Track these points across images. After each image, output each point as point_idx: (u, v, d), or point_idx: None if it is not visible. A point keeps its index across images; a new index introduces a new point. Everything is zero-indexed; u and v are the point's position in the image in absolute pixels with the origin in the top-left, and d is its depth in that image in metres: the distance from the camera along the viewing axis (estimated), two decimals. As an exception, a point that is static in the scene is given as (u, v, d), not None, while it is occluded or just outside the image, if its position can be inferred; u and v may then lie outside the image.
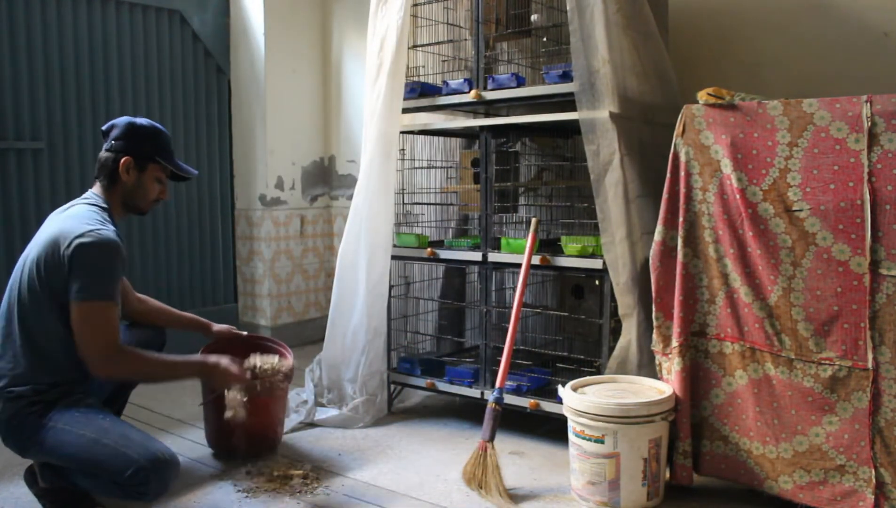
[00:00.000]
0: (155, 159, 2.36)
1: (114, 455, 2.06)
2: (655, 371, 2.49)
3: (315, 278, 4.78)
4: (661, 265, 2.40)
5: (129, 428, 2.18)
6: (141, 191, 2.37)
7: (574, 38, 2.65)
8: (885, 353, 2.04)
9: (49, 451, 2.14)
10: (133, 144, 2.33)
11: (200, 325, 2.85)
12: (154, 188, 2.39)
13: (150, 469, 2.04)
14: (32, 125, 3.71)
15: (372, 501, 2.41)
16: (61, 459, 2.15)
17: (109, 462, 2.06)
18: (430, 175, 3.45)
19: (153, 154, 2.36)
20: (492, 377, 2.97)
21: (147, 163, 2.35)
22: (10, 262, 3.65)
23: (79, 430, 2.11)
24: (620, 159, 2.61)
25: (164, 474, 2.09)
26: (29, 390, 2.15)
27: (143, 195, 2.38)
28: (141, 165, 2.34)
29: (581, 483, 2.35)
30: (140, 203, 2.39)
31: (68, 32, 3.80)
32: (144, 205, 2.40)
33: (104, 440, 2.09)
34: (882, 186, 2.01)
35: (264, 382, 2.58)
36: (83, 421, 2.13)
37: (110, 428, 2.13)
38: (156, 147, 2.37)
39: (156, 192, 2.40)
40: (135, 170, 2.33)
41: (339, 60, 4.68)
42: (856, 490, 2.10)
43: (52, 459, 2.18)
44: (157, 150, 2.37)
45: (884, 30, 2.85)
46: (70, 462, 2.14)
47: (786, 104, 2.15)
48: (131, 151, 2.32)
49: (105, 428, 2.12)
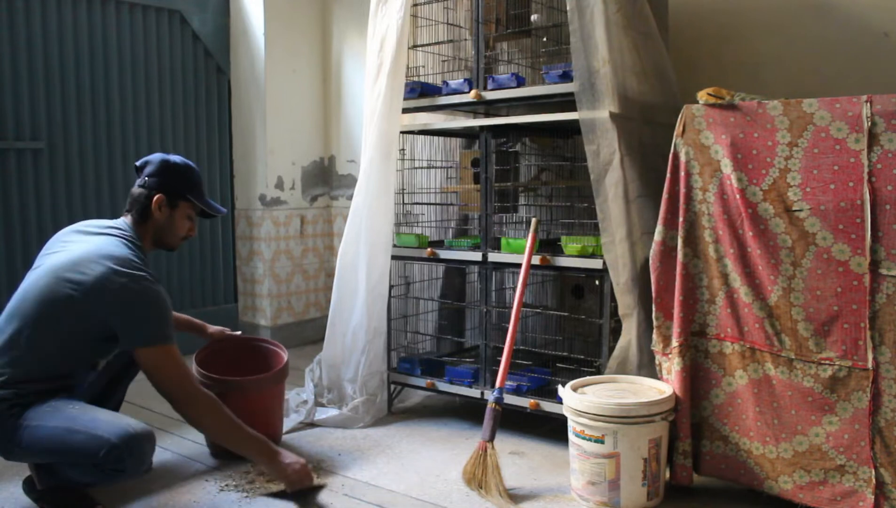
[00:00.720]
0: (186, 197, 2.41)
1: (86, 439, 2.06)
2: (655, 371, 2.49)
3: (315, 278, 4.78)
4: (661, 265, 2.40)
5: (99, 411, 2.18)
6: (171, 228, 2.42)
7: (574, 38, 2.65)
8: (885, 353, 2.04)
9: (27, 450, 2.14)
10: (166, 181, 2.38)
11: (195, 326, 2.88)
12: (184, 225, 2.44)
13: (122, 446, 2.04)
14: (32, 125, 3.71)
15: (372, 501, 2.41)
16: (41, 455, 2.16)
17: (84, 447, 2.06)
18: (430, 175, 3.45)
19: (185, 192, 2.40)
20: (492, 377, 2.97)
21: (179, 200, 2.40)
22: (10, 262, 3.66)
23: (50, 423, 2.11)
24: (620, 159, 2.60)
25: (138, 448, 2.08)
26: (11, 393, 2.15)
27: (173, 232, 2.43)
28: (173, 202, 2.39)
29: (581, 483, 2.35)
30: (170, 240, 2.44)
31: (68, 32, 3.80)
32: (174, 241, 2.45)
33: (75, 427, 2.09)
34: (882, 186, 2.01)
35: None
36: (54, 414, 2.13)
37: (79, 415, 2.13)
38: (188, 185, 2.42)
39: (185, 229, 2.45)
40: (167, 207, 2.38)
41: (339, 60, 4.68)
42: (856, 490, 2.10)
43: (34, 457, 2.19)
44: (189, 188, 2.41)
45: (884, 30, 2.85)
46: (49, 455, 2.14)
47: (786, 104, 2.15)
48: (164, 188, 2.37)
49: (75, 416, 2.12)
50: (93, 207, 3.94)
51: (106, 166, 3.99)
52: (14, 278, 3.67)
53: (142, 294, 2.18)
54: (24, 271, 3.78)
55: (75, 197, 3.89)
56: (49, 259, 2.27)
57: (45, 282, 2.21)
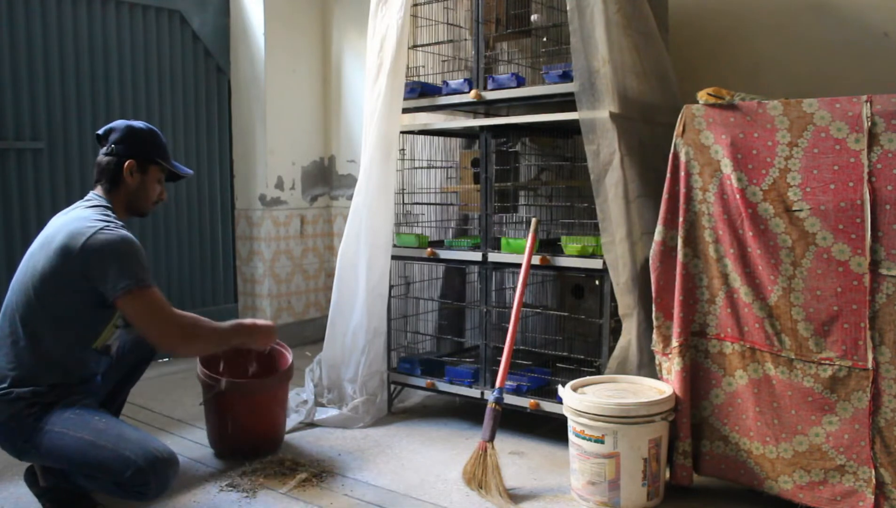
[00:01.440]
0: (155, 161, 2.39)
1: (112, 456, 2.06)
2: (655, 371, 2.49)
3: (315, 278, 4.78)
4: (661, 265, 2.40)
5: (126, 427, 2.18)
6: (143, 193, 2.39)
7: (574, 38, 2.65)
8: (885, 353, 2.04)
9: (46, 455, 2.14)
10: (134, 146, 2.36)
11: None
12: (155, 189, 2.43)
13: (148, 470, 2.04)
14: (32, 125, 3.71)
15: (372, 501, 2.41)
16: (59, 462, 2.15)
17: (108, 464, 2.06)
18: (430, 175, 3.45)
19: (154, 156, 2.39)
20: (492, 377, 2.97)
21: (148, 165, 2.38)
22: (10, 261, 3.66)
23: (75, 433, 2.11)
24: (620, 159, 2.60)
25: (163, 473, 2.09)
26: (28, 392, 2.15)
27: (145, 197, 2.40)
28: (143, 167, 2.37)
29: (581, 483, 2.35)
30: (142, 205, 2.42)
31: (68, 32, 3.80)
32: (147, 206, 2.43)
33: (101, 442, 2.08)
34: (882, 186, 2.01)
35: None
36: (79, 423, 2.13)
37: (106, 429, 2.13)
38: (156, 149, 2.40)
39: (156, 193, 2.44)
40: (138, 172, 2.36)
41: (339, 60, 4.68)
42: (856, 490, 2.10)
43: (50, 462, 2.18)
44: (157, 151, 2.40)
45: (884, 30, 2.85)
46: (68, 464, 2.14)
47: (786, 104, 2.15)
48: (133, 153, 2.35)
49: (101, 429, 2.12)
50: (93, 207, 3.94)
51: (106, 166, 3.99)
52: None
53: (109, 242, 2.14)
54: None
55: (75, 197, 3.83)
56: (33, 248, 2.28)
57: (24, 268, 2.23)
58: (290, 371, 2.87)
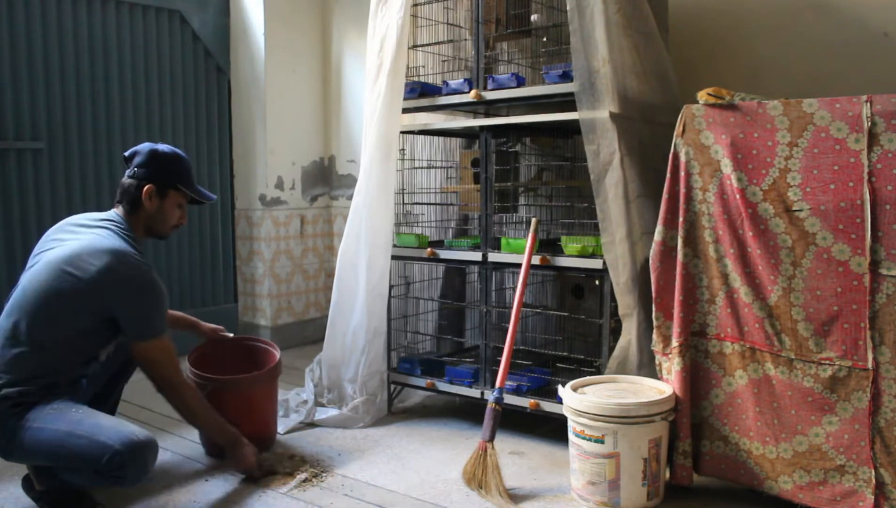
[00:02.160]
0: (176, 186, 2.43)
1: (89, 444, 2.07)
2: (655, 371, 2.49)
3: (315, 278, 4.78)
4: (661, 265, 2.40)
5: (102, 416, 2.20)
6: (162, 217, 2.43)
7: (574, 38, 2.65)
8: (885, 353, 2.04)
9: (28, 451, 2.14)
10: (155, 171, 2.40)
11: (189, 323, 2.90)
12: (174, 214, 2.46)
13: (125, 453, 2.05)
14: (32, 125, 3.71)
15: (372, 501, 2.41)
16: (41, 457, 2.15)
17: (86, 452, 2.07)
18: (430, 175, 3.45)
19: (175, 181, 2.43)
20: (492, 377, 2.97)
21: (168, 190, 2.42)
22: (10, 261, 3.66)
23: (53, 426, 2.11)
24: (620, 159, 2.61)
25: (140, 456, 2.09)
26: (16, 392, 2.15)
27: (163, 221, 2.44)
28: (162, 192, 2.41)
29: (581, 483, 2.35)
30: (161, 228, 2.46)
31: (68, 32, 3.80)
32: (165, 230, 2.47)
33: (78, 431, 2.10)
34: (882, 186, 2.01)
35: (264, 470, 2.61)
36: (56, 416, 2.14)
37: (83, 419, 2.14)
38: (177, 174, 2.44)
39: (176, 217, 2.48)
40: (157, 197, 2.40)
41: (339, 60, 4.68)
42: (856, 490, 2.10)
43: (34, 459, 2.18)
44: (178, 177, 2.44)
45: (884, 30, 2.85)
46: (49, 458, 2.14)
47: (786, 104, 2.15)
48: (154, 178, 2.39)
49: (78, 420, 2.13)
50: (93, 207, 3.93)
51: (106, 166, 3.99)
52: (14, 278, 3.65)
53: (143, 286, 2.23)
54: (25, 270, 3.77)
55: (75, 197, 3.88)
56: (46, 255, 2.27)
57: (45, 277, 2.21)
58: (276, 369, 2.87)
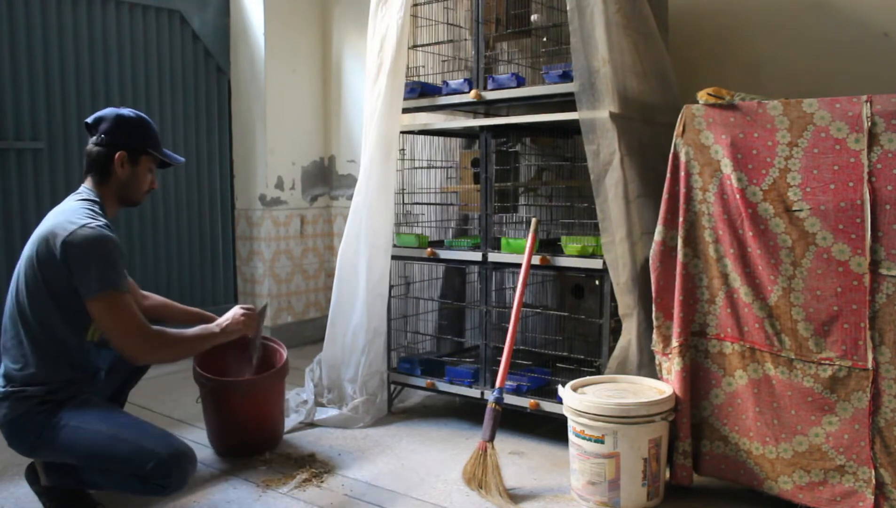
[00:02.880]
0: (147, 151, 2.36)
1: (134, 449, 2.09)
2: (655, 371, 2.49)
3: (315, 278, 4.78)
4: (661, 265, 2.40)
5: (145, 422, 2.22)
6: (135, 183, 2.36)
7: (574, 38, 2.65)
8: (885, 353, 2.04)
9: (63, 450, 2.14)
10: (125, 137, 2.32)
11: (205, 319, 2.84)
12: (146, 179, 2.39)
13: (171, 462, 2.08)
14: (32, 125, 3.71)
15: (372, 501, 2.41)
16: (76, 457, 2.16)
17: (130, 457, 2.09)
18: (430, 175, 3.45)
19: (145, 146, 2.35)
20: (492, 377, 2.97)
21: (139, 155, 2.35)
22: (11, 261, 3.66)
23: (94, 427, 2.12)
24: (620, 159, 2.61)
25: (184, 466, 2.13)
26: (41, 390, 2.15)
27: (136, 187, 2.37)
28: (134, 158, 2.34)
29: (581, 483, 2.35)
30: (134, 195, 2.38)
31: (68, 32, 3.80)
32: (138, 196, 2.40)
33: (122, 436, 2.11)
34: (882, 186, 2.01)
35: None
36: (97, 418, 2.15)
37: (126, 423, 2.17)
38: (147, 138, 2.36)
39: (148, 182, 2.40)
40: (129, 163, 2.33)
41: (339, 60, 4.68)
42: (856, 490, 2.10)
43: (66, 457, 2.18)
44: (148, 141, 2.36)
45: (884, 30, 2.85)
46: (86, 459, 2.15)
47: (786, 104, 2.15)
48: (124, 144, 2.31)
49: (121, 423, 2.15)
50: (93, 207, 3.94)
51: (106, 166, 3.99)
52: (14, 278, 3.67)
53: (88, 239, 2.11)
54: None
55: (75, 197, 3.88)
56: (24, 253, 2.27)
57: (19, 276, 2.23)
58: (284, 369, 2.86)
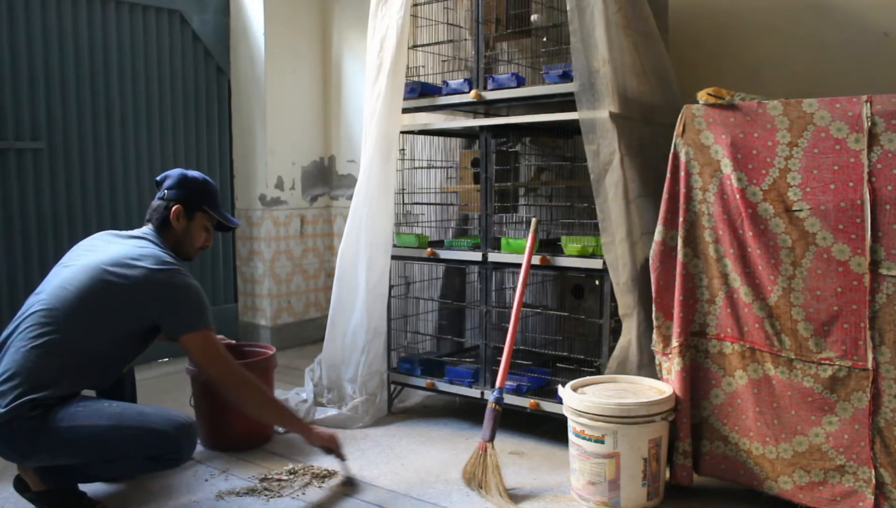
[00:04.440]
0: (203, 209, 2.51)
1: (142, 432, 2.16)
2: (655, 371, 2.49)
3: (315, 278, 4.78)
4: (661, 265, 2.40)
5: (138, 406, 2.32)
6: (189, 238, 2.51)
7: (574, 38, 2.65)
8: (885, 353, 2.04)
9: (64, 450, 2.15)
10: (184, 193, 2.48)
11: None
12: (200, 236, 2.54)
13: (179, 436, 2.19)
14: (32, 125, 3.71)
15: (372, 501, 2.41)
16: (81, 454, 2.17)
17: (138, 440, 2.16)
18: (430, 175, 3.45)
19: (202, 203, 2.51)
20: (492, 377, 2.97)
21: (195, 212, 2.50)
22: (10, 262, 3.66)
23: (92, 421, 2.15)
24: (620, 159, 2.61)
25: (191, 436, 2.24)
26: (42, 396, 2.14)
27: (190, 242, 2.52)
28: (190, 213, 2.49)
29: (581, 483, 2.35)
30: (187, 249, 2.53)
31: (68, 32, 3.80)
32: (191, 252, 2.54)
33: (125, 423, 2.17)
34: (882, 186, 2.01)
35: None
36: (92, 412, 2.17)
37: (123, 411, 2.22)
38: (204, 197, 2.52)
39: (202, 240, 2.55)
40: (184, 218, 2.48)
41: (339, 60, 4.68)
42: (856, 490, 2.10)
43: (67, 458, 2.18)
44: (205, 199, 2.52)
45: (884, 30, 2.85)
46: (92, 454, 2.18)
47: (786, 104, 2.15)
48: (182, 199, 2.47)
49: (118, 412, 2.20)
50: (93, 207, 3.94)
51: (106, 166, 3.99)
52: (14, 278, 3.67)
53: (184, 285, 2.31)
54: (25, 270, 3.77)
55: (75, 197, 3.88)
56: (85, 258, 2.31)
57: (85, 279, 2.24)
58: (270, 362, 2.91)
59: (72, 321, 2.20)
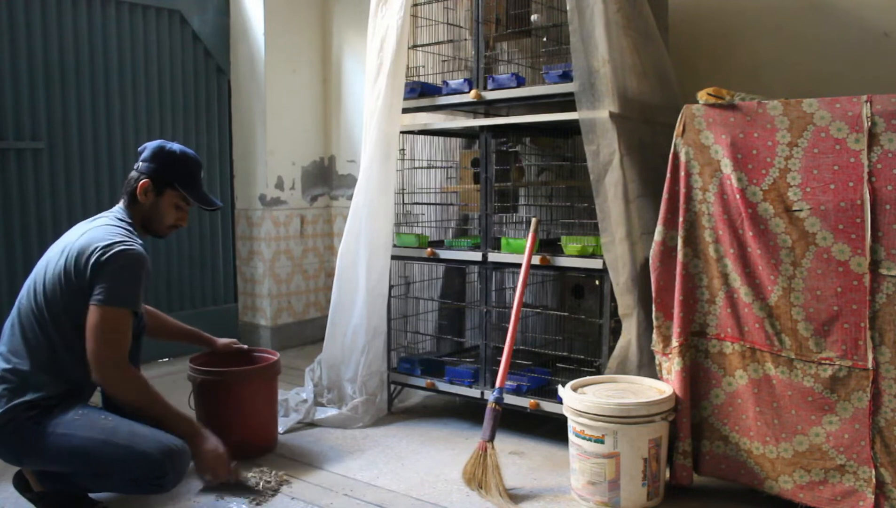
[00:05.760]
0: (173, 185, 2.37)
1: (128, 453, 2.08)
2: (655, 371, 2.49)
3: (315, 278, 4.78)
4: (661, 265, 2.40)
5: (135, 424, 2.19)
6: (157, 215, 2.38)
7: (574, 38, 2.65)
8: (885, 353, 2.04)
9: (51, 458, 2.12)
10: (155, 167, 2.35)
11: (204, 340, 2.86)
12: (171, 214, 2.41)
13: (166, 462, 2.09)
14: (32, 125, 3.71)
15: (372, 501, 2.41)
16: (67, 464, 2.14)
17: (124, 461, 2.08)
18: (430, 175, 3.45)
19: (172, 179, 2.36)
20: (492, 377, 2.97)
21: (165, 188, 2.37)
22: (10, 262, 3.66)
23: (84, 433, 2.11)
24: (620, 159, 2.61)
25: (179, 463, 2.13)
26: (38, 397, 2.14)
27: (158, 219, 2.39)
28: (159, 189, 2.36)
29: (581, 483, 2.35)
30: (156, 227, 2.41)
31: (68, 32, 3.80)
32: (160, 229, 2.42)
33: (114, 440, 2.10)
34: (882, 186, 2.01)
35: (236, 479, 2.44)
36: (86, 424, 2.13)
37: (117, 427, 2.14)
38: (177, 173, 2.38)
39: (173, 218, 2.42)
40: (152, 193, 2.36)
41: (339, 60, 4.68)
42: (856, 489, 2.10)
43: (56, 466, 2.16)
44: (178, 176, 2.37)
45: (884, 30, 2.85)
46: (77, 465, 2.13)
47: (786, 104, 2.15)
48: (152, 174, 2.35)
49: (112, 428, 2.13)
50: (93, 207, 3.94)
51: (106, 166, 3.99)
52: (14, 278, 3.66)
53: (116, 255, 2.15)
54: (25, 270, 3.76)
55: (75, 197, 3.88)
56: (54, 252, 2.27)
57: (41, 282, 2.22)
58: (274, 367, 2.83)
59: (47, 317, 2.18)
